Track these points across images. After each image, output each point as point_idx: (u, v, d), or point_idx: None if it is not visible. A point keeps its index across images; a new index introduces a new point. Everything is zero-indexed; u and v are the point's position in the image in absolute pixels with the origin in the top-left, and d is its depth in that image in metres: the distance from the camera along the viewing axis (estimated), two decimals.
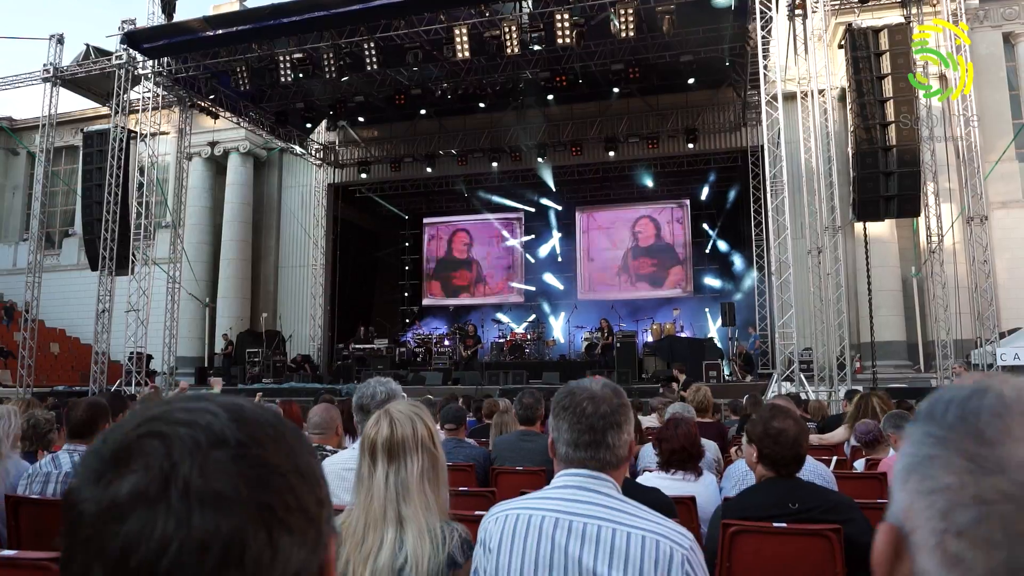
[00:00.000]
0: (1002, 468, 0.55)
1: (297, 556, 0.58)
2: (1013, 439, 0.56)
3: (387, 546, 1.88)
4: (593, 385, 1.87)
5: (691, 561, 1.66)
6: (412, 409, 2.05)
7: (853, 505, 2.62)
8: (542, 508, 1.76)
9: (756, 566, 2.54)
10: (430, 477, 1.96)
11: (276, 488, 0.59)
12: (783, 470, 2.62)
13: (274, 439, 0.61)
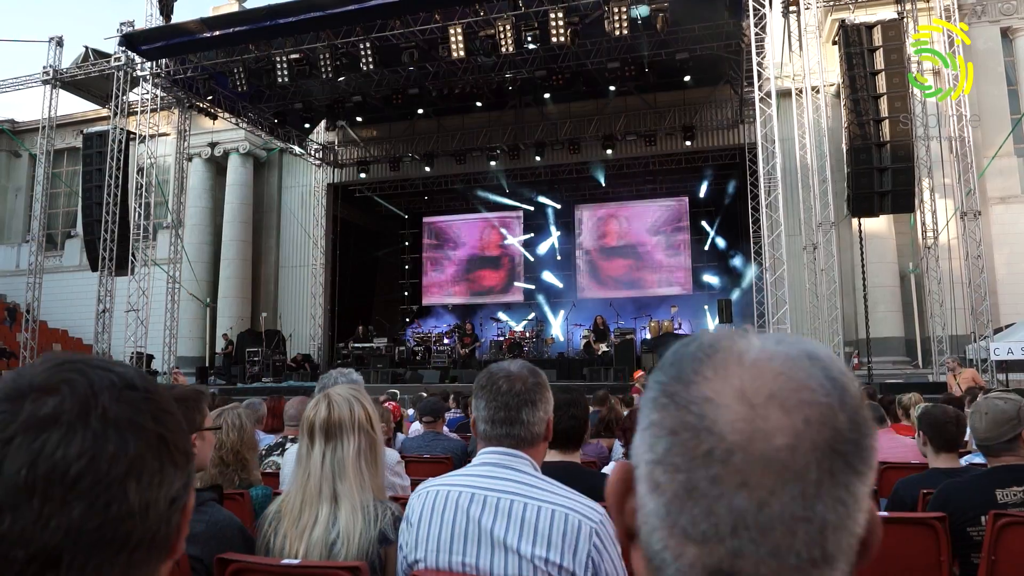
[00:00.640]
0: (688, 403, 0.61)
1: (175, 486, 0.71)
2: (702, 378, 0.61)
3: (321, 522, 1.95)
4: (511, 366, 1.94)
5: (600, 534, 1.73)
6: (351, 392, 2.12)
7: None
8: (460, 484, 1.84)
9: None
10: (367, 457, 2.03)
11: (171, 428, 0.72)
12: None
13: (166, 396, 0.75)
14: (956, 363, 12.54)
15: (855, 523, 0.60)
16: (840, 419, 0.59)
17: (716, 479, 0.58)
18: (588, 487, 2.72)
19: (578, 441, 2.96)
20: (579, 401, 2.93)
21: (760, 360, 0.61)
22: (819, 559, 0.58)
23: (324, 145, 23.69)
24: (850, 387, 0.62)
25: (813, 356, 0.62)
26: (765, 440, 0.58)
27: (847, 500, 0.59)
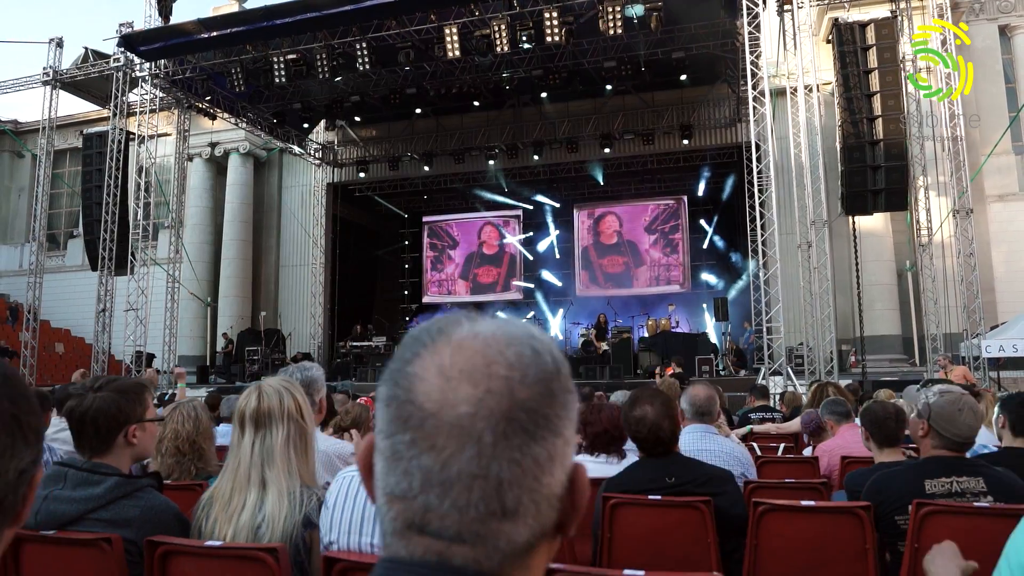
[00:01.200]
0: (401, 379, 0.70)
1: (25, 459, 0.78)
2: (417, 357, 0.70)
3: (249, 506, 2.02)
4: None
5: None
6: (283, 384, 2.20)
7: (727, 479, 2.75)
8: None
9: (634, 536, 2.67)
10: (295, 445, 2.11)
11: (24, 410, 0.79)
12: (654, 449, 2.76)
13: (22, 383, 0.83)
14: (947, 361, 12.58)
15: (539, 483, 0.68)
16: (521, 391, 0.68)
17: (412, 443, 0.67)
18: None
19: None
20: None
21: (464, 340, 0.70)
22: (498, 512, 0.66)
23: (324, 145, 23.79)
24: (543, 365, 0.70)
25: (514, 338, 0.71)
26: (452, 408, 0.67)
27: (523, 461, 0.67)
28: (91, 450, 2.15)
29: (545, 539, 0.71)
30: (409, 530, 0.68)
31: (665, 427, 2.75)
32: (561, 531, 0.73)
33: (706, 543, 2.55)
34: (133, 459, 2.24)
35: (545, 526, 0.70)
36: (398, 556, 0.68)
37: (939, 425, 2.64)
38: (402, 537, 0.68)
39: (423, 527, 0.67)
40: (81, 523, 2.06)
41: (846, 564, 2.54)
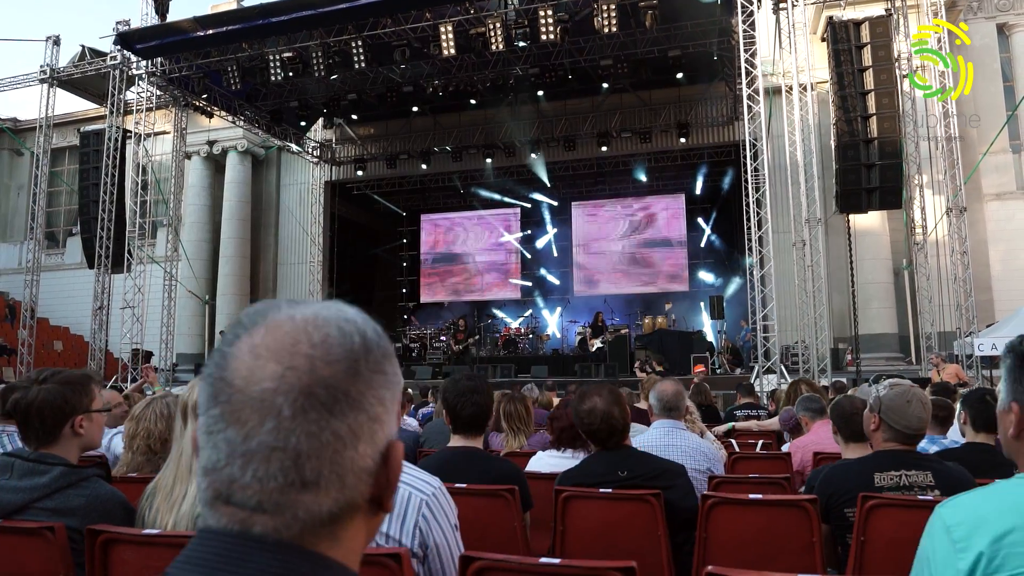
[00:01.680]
0: (219, 359, 0.73)
1: None
2: (237, 339, 0.74)
3: (189, 496, 2.05)
4: None
5: (430, 505, 1.82)
6: None
7: (678, 473, 2.77)
8: None
9: (586, 528, 2.69)
10: None
11: None
12: (608, 440, 2.79)
13: None
14: (940, 359, 12.59)
15: (341, 456, 0.71)
16: (323, 369, 0.71)
17: (220, 417, 0.70)
18: (483, 471, 2.84)
19: (480, 427, 3.05)
20: (481, 388, 3.02)
21: (278, 322, 0.74)
22: (297, 484, 0.69)
23: (322, 143, 23.83)
24: (349, 345, 0.74)
25: (324, 320, 0.75)
26: (256, 384, 0.70)
27: (321, 435, 0.70)
28: (37, 441, 2.17)
29: (357, 512, 0.74)
30: (217, 500, 0.70)
31: (616, 415, 2.78)
32: (379, 506, 0.75)
33: (656, 535, 2.57)
34: (81, 449, 2.26)
35: (353, 499, 0.72)
36: (209, 526, 0.71)
37: (889, 418, 2.66)
38: (212, 507, 0.71)
39: (228, 497, 0.70)
40: (26, 512, 2.09)
41: (795, 556, 2.56)
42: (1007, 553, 1.44)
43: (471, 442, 3.03)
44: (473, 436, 3.03)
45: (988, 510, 1.50)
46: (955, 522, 1.53)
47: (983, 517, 1.49)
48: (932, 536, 1.56)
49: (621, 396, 2.87)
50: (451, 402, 3.00)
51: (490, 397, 3.06)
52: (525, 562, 1.75)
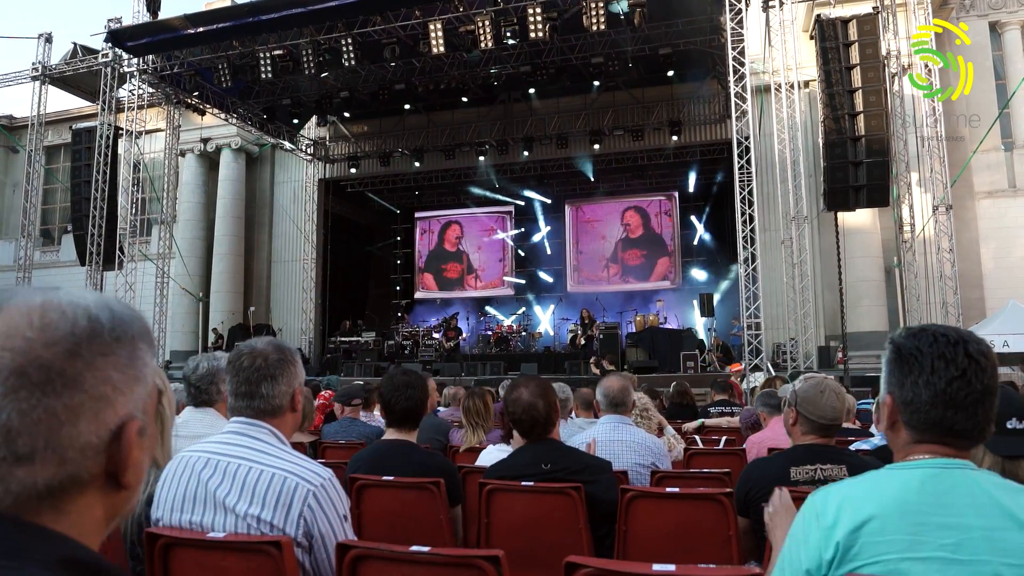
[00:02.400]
0: None
1: None
2: None
3: None
4: (257, 343, 2.06)
5: (317, 496, 1.86)
6: None
7: (603, 468, 2.81)
8: (203, 451, 1.98)
9: (511, 520, 2.73)
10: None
11: None
12: (531, 432, 2.83)
13: None
14: None
15: (57, 433, 0.75)
16: (41, 351, 0.75)
17: None
18: (414, 464, 2.87)
19: (414, 421, 3.08)
20: (415, 383, 3.05)
21: (11, 308, 0.77)
22: (9, 458, 0.73)
23: (315, 140, 23.86)
24: (72, 329, 0.77)
25: (52, 305, 0.79)
26: None
27: (33, 413, 0.74)
28: None
29: (85, 487, 0.78)
30: None
31: (540, 407, 2.81)
32: (116, 482, 0.79)
33: (577, 528, 2.60)
34: None
35: (77, 474, 0.76)
36: None
37: (805, 409, 2.71)
38: None
39: None
40: None
41: (715, 549, 2.59)
42: (864, 542, 1.47)
43: (405, 436, 3.07)
44: (407, 430, 3.07)
45: (852, 500, 1.54)
46: (823, 510, 1.56)
47: (846, 507, 1.53)
48: (805, 519, 1.59)
49: (549, 389, 2.90)
50: (386, 397, 3.04)
51: (425, 392, 3.09)
52: (396, 550, 1.79)
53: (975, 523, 1.41)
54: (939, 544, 1.42)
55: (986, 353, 1.53)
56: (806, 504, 1.60)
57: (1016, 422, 2.30)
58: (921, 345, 1.55)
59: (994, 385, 1.52)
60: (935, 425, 1.52)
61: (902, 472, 1.52)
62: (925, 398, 1.52)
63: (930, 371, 1.52)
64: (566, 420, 5.04)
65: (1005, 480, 1.50)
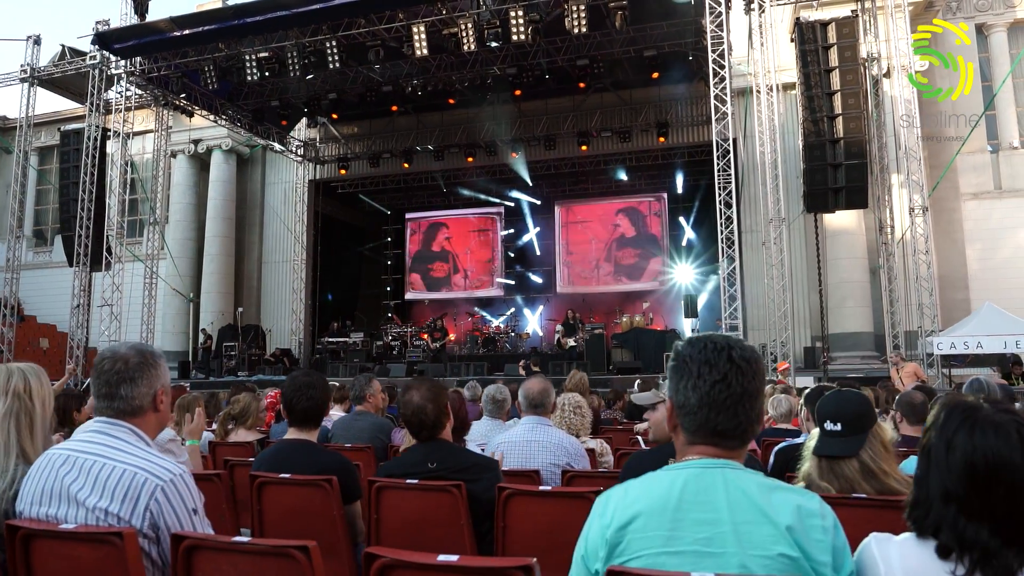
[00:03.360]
0: None
1: None
2: None
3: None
4: (120, 348, 2.16)
5: (165, 490, 1.97)
6: (23, 365, 2.35)
7: (488, 467, 2.90)
8: (65, 448, 2.09)
9: (398, 517, 2.82)
10: (19, 422, 2.25)
11: None
12: (419, 433, 2.93)
13: None
14: (900, 358, 12.68)
15: None
16: None
17: None
18: (317, 461, 2.96)
19: (314, 421, 3.18)
20: (315, 384, 3.15)
21: None
22: None
23: (305, 142, 23.96)
24: None
25: None
26: None
27: None
28: None
29: None
30: None
31: (429, 411, 2.91)
32: None
33: (460, 525, 2.70)
34: None
35: None
36: None
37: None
38: None
39: None
40: None
41: None
42: (630, 539, 1.57)
43: (306, 435, 3.17)
44: (308, 429, 3.17)
45: (625, 499, 1.63)
46: (603, 509, 1.66)
47: (620, 506, 1.63)
48: (590, 517, 1.69)
49: (441, 394, 2.99)
50: (287, 397, 3.14)
51: (326, 394, 3.19)
52: (222, 540, 1.89)
53: (727, 518, 1.51)
54: (694, 539, 1.51)
55: (749, 359, 1.62)
56: (595, 502, 1.70)
57: (831, 424, 2.40)
58: (692, 352, 1.65)
59: (754, 388, 1.61)
60: (702, 427, 1.61)
61: (671, 472, 1.62)
62: (693, 401, 1.61)
63: (696, 376, 1.61)
64: (504, 420, 5.12)
65: (766, 479, 1.59)
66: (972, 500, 1.40)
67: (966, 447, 1.43)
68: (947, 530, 1.42)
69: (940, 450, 1.47)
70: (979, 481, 1.40)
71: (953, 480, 1.43)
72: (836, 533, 1.53)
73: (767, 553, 1.47)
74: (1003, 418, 1.45)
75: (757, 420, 1.63)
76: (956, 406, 1.52)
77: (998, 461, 1.39)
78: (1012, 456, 1.39)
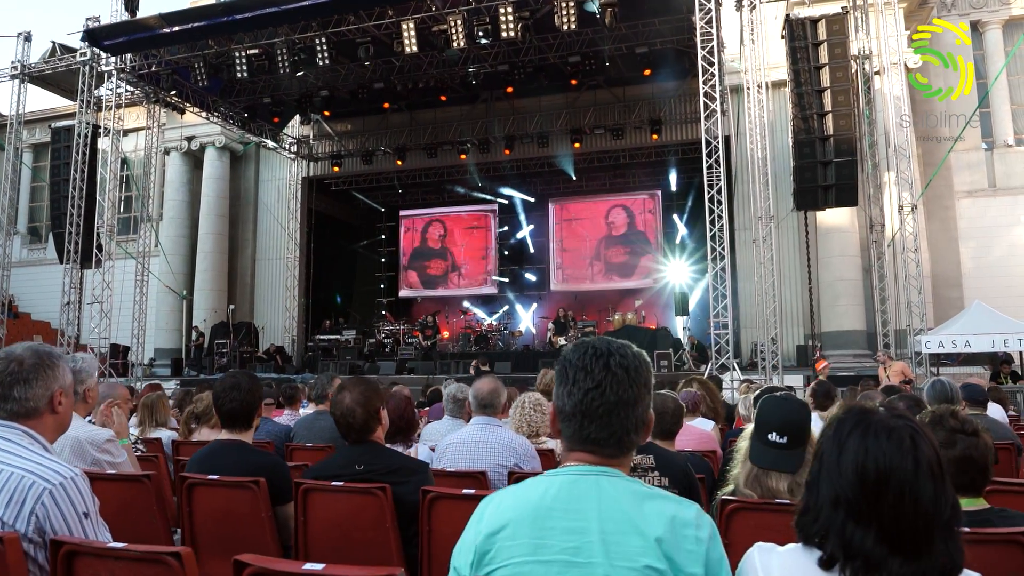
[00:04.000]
0: None
1: None
2: None
3: None
4: (16, 348, 2.13)
5: (53, 494, 1.93)
6: None
7: (416, 470, 2.87)
8: None
9: (326, 519, 2.78)
10: None
11: None
12: (348, 435, 2.89)
13: None
14: (887, 357, 12.65)
15: None
16: None
17: None
18: (248, 462, 2.92)
19: (244, 421, 3.15)
20: (242, 385, 3.12)
21: None
22: None
23: (299, 139, 23.92)
24: None
25: None
26: None
27: None
28: None
29: None
30: None
31: (357, 414, 2.87)
32: None
33: (385, 528, 2.66)
34: None
35: None
36: None
37: None
38: None
39: None
40: None
41: None
42: (499, 547, 1.53)
43: (238, 436, 3.13)
44: (239, 430, 3.13)
45: (500, 506, 1.59)
46: (480, 515, 1.62)
47: (494, 512, 1.58)
48: (469, 522, 1.64)
49: (373, 397, 2.94)
50: (216, 398, 3.11)
51: (253, 394, 3.15)
52: (98, 546, 1.86)
53: (595, 527, 1.46)
54: (562, 548, 1.47)
55: (628, 367, 1.56)
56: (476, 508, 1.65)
57: (776, 436, 2.34)
58: (573, 358, 1.60)
59: (631, 397, 1.55)
60: (576, 434, 1.57)
61: (547, 479, 1.57)
62: (568, 408, 1.57)
63: (572, 382, 1.57)
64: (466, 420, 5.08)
65: (645, 488, 1.54)
66: (861, 506, 1.36)
67: (858, 451, 1.39)
68: (834, 536, 1.38)
69: (832, 454, 1.43)
70: (869, 486, 1.36)
71: (843, 485, 1.39)
72: (712, 544, 1.48)
73: (633, 565, 1.43)
74: (897, 423, 1.41)
75: (635, 429, 1.57)
76: (850, 411, 1.48)
77: (889, 466, 1.36)
78: (903, 462, 1.36)
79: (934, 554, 1.31)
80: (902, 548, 1.32)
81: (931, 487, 1.33)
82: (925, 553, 1.31)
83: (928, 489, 1.33)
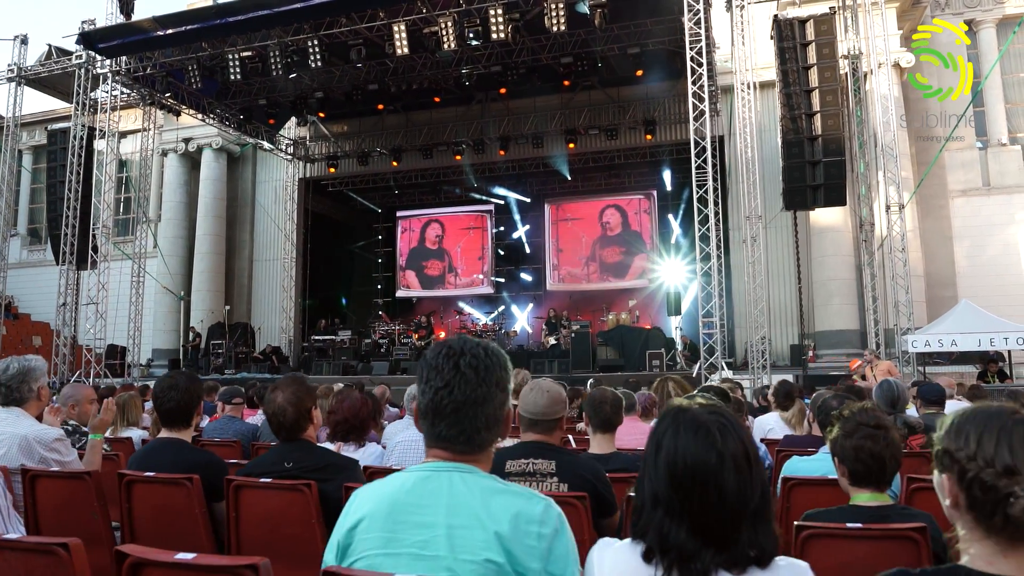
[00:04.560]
0: None
1: None
2: None
3: None
4: None
5: None
6: None
7: (343, 467, 2.94)
8: None
9: (256, 515, 2.86)
10: None
11: None
12: (278, 433, 2.97)
13: None
14: (874, 356, 12.68)
15: None
16: None
17: None
18: (180, 460, 3.00)
19: (182, 420, 3.22)
20: (179, 385, 3.20)
21: None
22: None
23: (295, 140, 24.02)
24: None
25: None
26: None
27: None
28: None
29: None
30: None
31: (288, 413, 2.94)
32: None
33: (311, 524, 2.73)
34: None
35: None
36: None
37: (521, 406, 2.89)
38: None
39: None
40: None
41: None
42: (358, 540, 1.60)
43: (177, 434, 3.21)
44: (178, 428, 3.21)
45: (361, 500, 1.66)
46: (347, 509, 1.69)
47: (355, 506, 1.65)
48: (340, 517, 1.71)
49: (305, 397, 3.00)
50: (155, 398, 3.19)
51: (190, 395, 3.23)
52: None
53: (442, 522, 1.53)
54: (412, 541, 1.54)
55: (478, 367, 1.62)
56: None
57: None
58: (429, 357, 1.67)
59: (478, 396, 1.60)
60: (429, 431, 1.63)
61: (404, 475, 1.64)
62: (423, 406, 1.64)
63: (425, 381, 1.63)
64: None
65: (496, 483, 1.60)
66: (673, 502, 1.42)
67: (669, 449, 1.45)
68: (653, 532, 1.44)
69: (651, 453, 1.49)
70: (678, 482, 1.42)
71: (659, 482, 1.45)
72: (556, 539, 1.53)
73: (475, 558, 1.49)
74: (707, 418, 1.46)
75: (487, 427, 1.63)
76: (669, 409, 1.54)
77: (695, 461, 1.42)
78: (707, 456, 1.41)
79: (741, 543, 1.37)
80: (713, 539, 1.38)
81: (734, 478, 1.39)
82: (733, 543, 1.37)
83: (731, 480, 1.39)
